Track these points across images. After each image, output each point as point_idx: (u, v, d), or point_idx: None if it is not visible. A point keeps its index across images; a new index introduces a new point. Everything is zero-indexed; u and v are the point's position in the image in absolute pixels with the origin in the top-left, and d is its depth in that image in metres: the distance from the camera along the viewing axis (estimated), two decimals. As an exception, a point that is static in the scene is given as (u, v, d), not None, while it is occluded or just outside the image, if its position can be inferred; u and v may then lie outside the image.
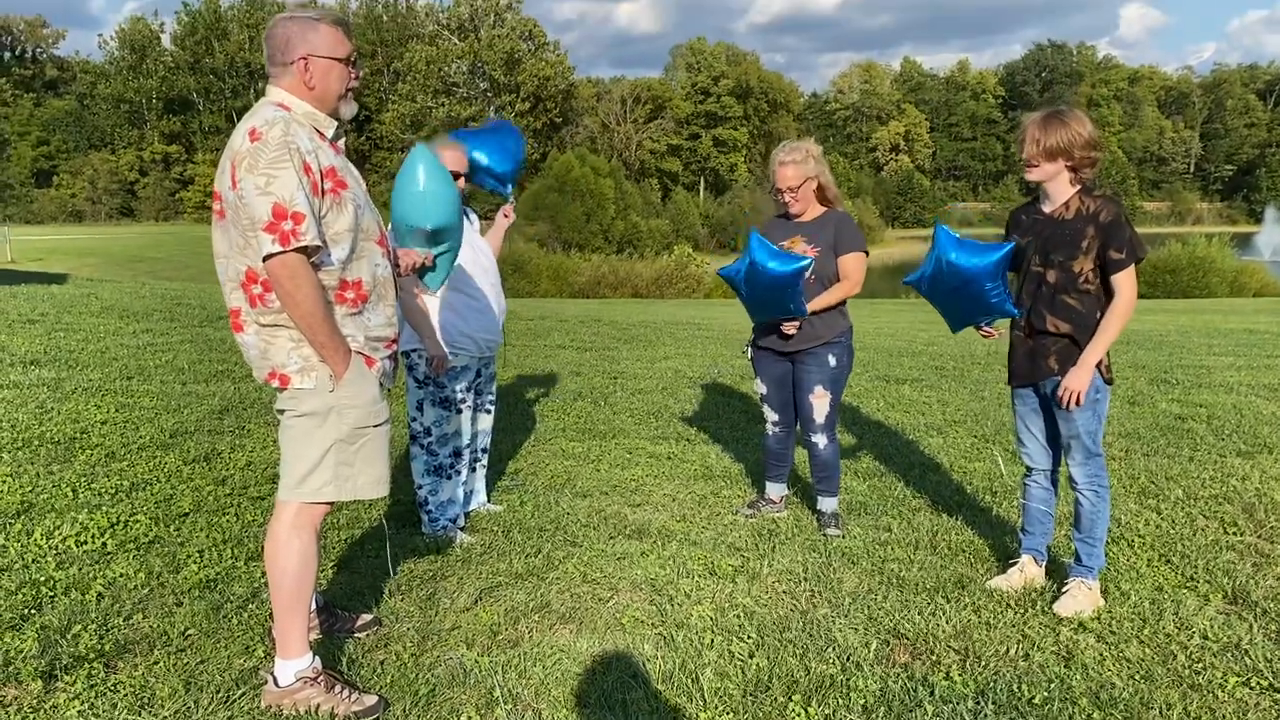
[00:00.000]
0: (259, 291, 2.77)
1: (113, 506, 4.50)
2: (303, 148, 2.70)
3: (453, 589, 3.83)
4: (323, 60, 2.84)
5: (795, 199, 4.47)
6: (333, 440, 2.87)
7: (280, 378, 2.82)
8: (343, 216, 2.81)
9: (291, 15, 2.89)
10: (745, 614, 3.64)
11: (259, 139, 2.66)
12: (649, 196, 73.53)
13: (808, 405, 4.61)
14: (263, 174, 2.63)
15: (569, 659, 3.26)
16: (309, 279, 2.70)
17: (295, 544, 2.91)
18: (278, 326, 2.80)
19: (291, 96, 2.85)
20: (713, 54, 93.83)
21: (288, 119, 2.73)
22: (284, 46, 2.83)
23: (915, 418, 7.05)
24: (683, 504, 5.03)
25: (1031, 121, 3.63)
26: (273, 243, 2.63)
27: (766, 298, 4.31)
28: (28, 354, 7.62)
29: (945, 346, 10.78)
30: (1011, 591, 3.83)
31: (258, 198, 2.63)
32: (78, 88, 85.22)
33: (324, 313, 2.75)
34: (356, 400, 2.87)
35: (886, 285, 33.01)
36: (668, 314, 17.08)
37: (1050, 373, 3.67)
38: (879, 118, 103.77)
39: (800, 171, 4.45)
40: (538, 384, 8.22)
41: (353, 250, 2.85)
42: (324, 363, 2.82)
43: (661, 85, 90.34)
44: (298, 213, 2.64)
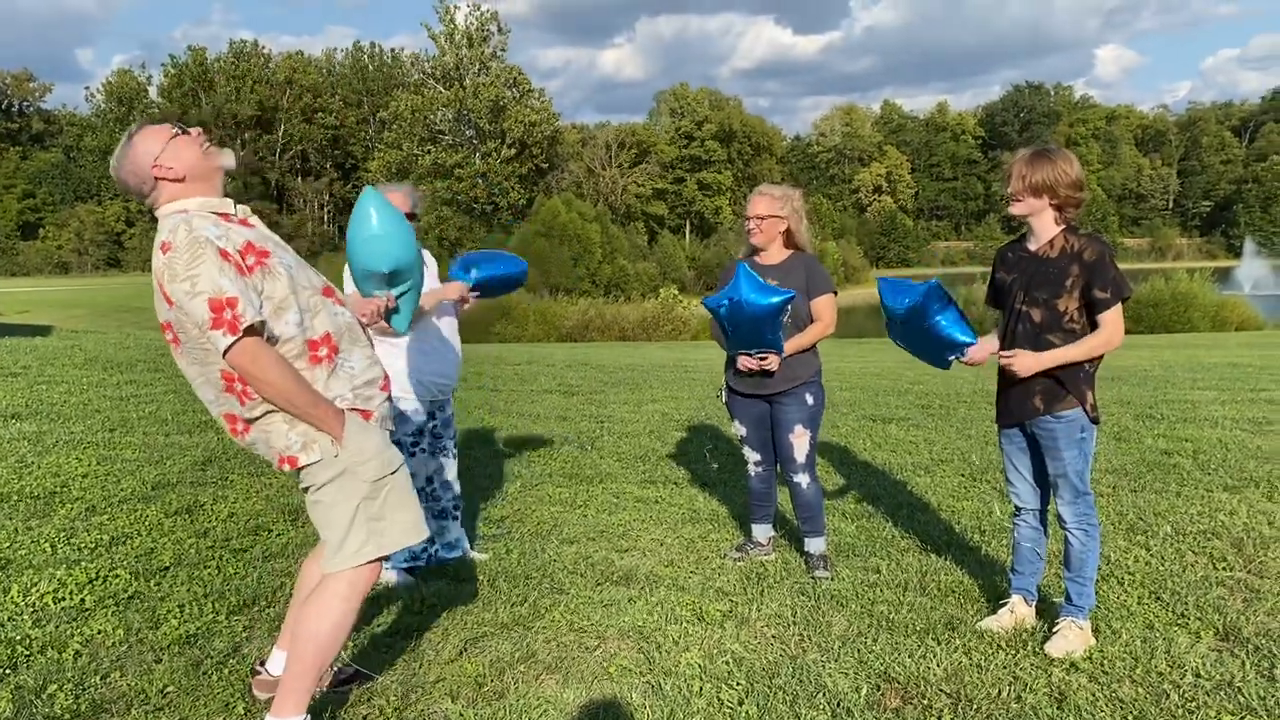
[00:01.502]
0: (240, 388, 2.78)
1: (92, 561, 4.43)
2: (210, 236, 2.68)
3: (437, 640, 3.78)
4: (166, 153, 2.81)
5: (759, 230, 4.53)
6: (357, 500, 2.86)
7: (289, 460, 2.82)
8: (279, 283, 2.79)
9: (116, 158, 2.85)
10: (734, 660, 3.59)
11: (170, 249, 2.67)
12: (635, 240, 73.92)
13: (788, 444, 4.60)
14: (185, 279, 2.63)
15: (556, 710, 3.21)
16: (269, 357, 2.69)
17: (337, 612, 2.88)
18: (270, 414, 2.80)
19: (180, 202, 2.82)
20: (696, 99, 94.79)
21: (188, 219, 2.72)
22: (137, 175, 2.81)
23: (902, 457, 7.04)
24: (670, 548, 4.99)
25: (1019, 158, 3.66)
26: (224, 335, 2.63)
27: (747, 330, 4.32)
28: (9, 407, 7.55)
29: (931, 385, 10.79)
30: (1002, 632, 3.79)
31: (191, 301, 2.63)
32: (64, 140, 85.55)
33: (297, 384, 2.74)
34: (364, 455, 2.86)
35: (872, 324, 33.15)
36: (655, 357, 17.08)
37: (1036, 412, 3.67)
38: (861, 159, 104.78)
39: (770, 206, 4.52)
40: (524, 428, 8.19)
41: (303, 309, 2.84)
42: (321, 431, 2.80)
43: (646, 130, 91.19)
44: (231, 298, 2.63)
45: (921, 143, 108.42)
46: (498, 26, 77.15)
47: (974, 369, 3.95)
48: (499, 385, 11.10)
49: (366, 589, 2.93)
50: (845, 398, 9.76)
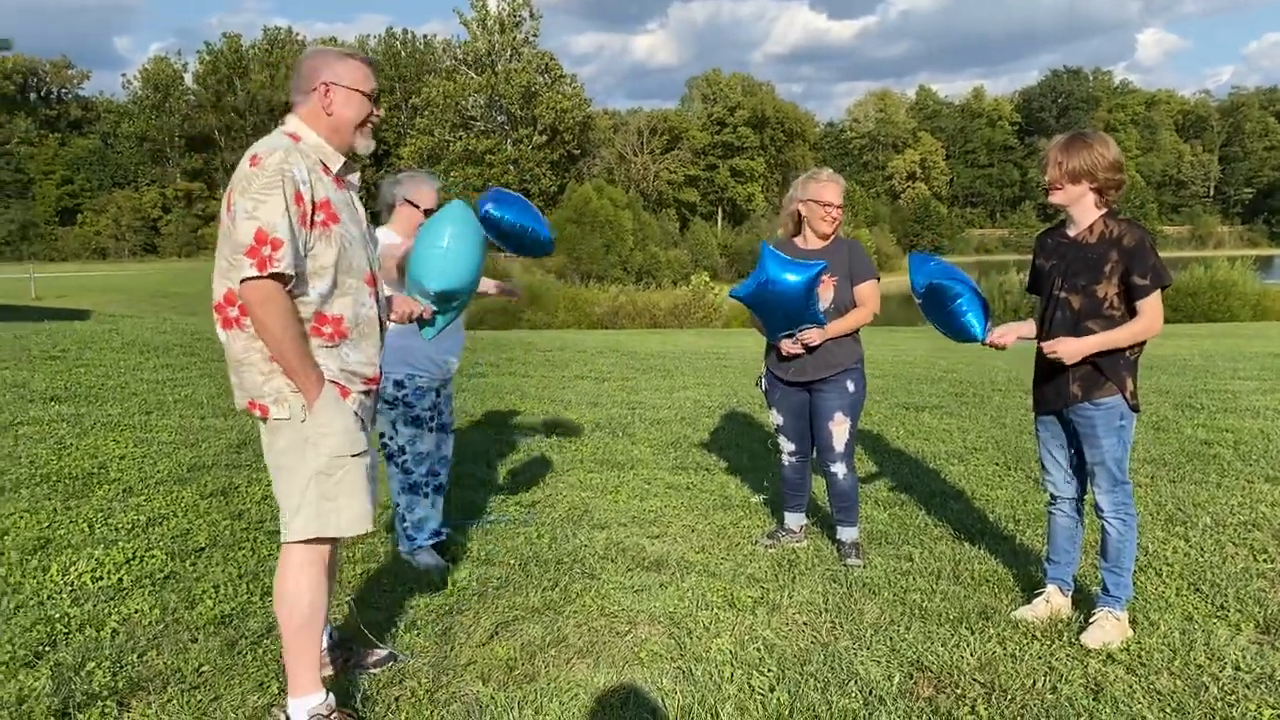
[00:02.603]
0: (234, 314, 2.78)
1: (129, 542, 4.49)
2: (297, 177, 2.71)
3: (468, 623, 3.79)
4: (344, 89, 2.88)
5: (838, 218, 4.50)
6: (311, 472, 2.83)
7: (260, 408, 2.81)
8: (329, 250, 2.81)
9: (323, 49, 2.94)
10: (765, 647, 3.58)
11: (258, 164, 2.70)
12: (667, 227, 73.81)
13: (827, 433, 4.56)
14: (252, 198, 2.66)
15: (586, 694, 3.21)
16: (282, 305, 2.70)
17: (302, 582, 2.88)
18: (246, 362, 2.80)
19: (305, 126, 2.88)
20: (729, 85, 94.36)
21: (290, 148, 2.76)
22: (309, 74, 2.89)
23: (936, 445, 6.98)
24: (701, 535, 4.97)
25: (1054, 145, 3.60)
26: (250, 266, 2.64)
27: (784, 310, 4.29)
28: (48, 390, 7.66)
29: (965, 373, 10.69)
30: (1037, 622, 3.75)
31: (245, 221, 2.66)
32: (102, 127, 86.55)
33: (294, 340, 2.74)
34: (330, 428, 2.84)
35: (904, 313, 32.90)
36: (686, 344, 17.05)
37: (1074, 400, 3.61)
38: (895, 146, 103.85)
39: (843, 193, 4.52)
40: (555, 414, 8.19)
41: (335, 285, 2.84)
42: (296, 393, 2.80)
43: (678, 116, 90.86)
44: (278, 239, 2.65)
45: (957, 129, 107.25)
46: (530, 12, 77.17)
47: (1005, 355, 3.91)
48: (530, 371, 11.12)
49: (322, 557, 2.93)
50: (878, 385, 9.69)
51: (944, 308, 3.90)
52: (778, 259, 4.24)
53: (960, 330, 3.90)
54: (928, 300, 3.92)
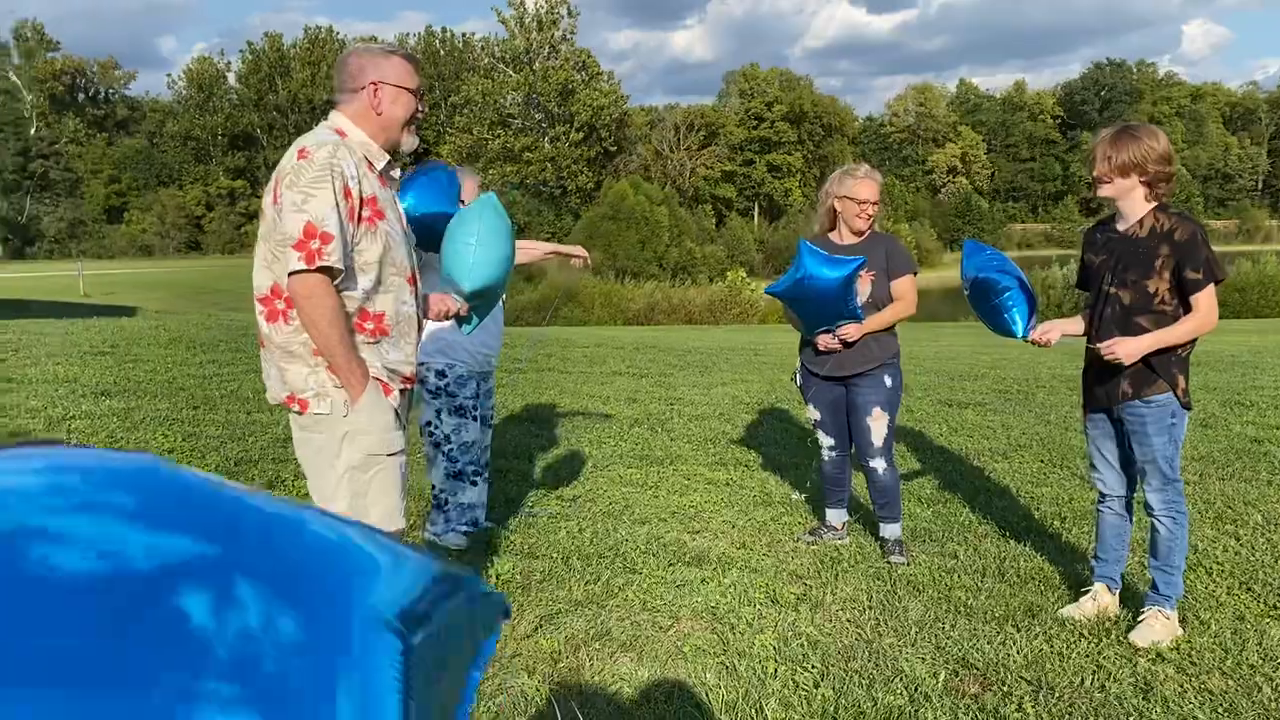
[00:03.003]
0: (281, 307, 2.79)
1: (179, 534, 4.56)
2: (346, 172, 2.73)
3: (513, 615, 3.82)
4: (391, 87, 2.89)
5: (873, 215, 4.47)
6: (346, 468, 2.85)
7: (299, 402, 2.82)
8: (374, 246, 2.83)
9: (366, 47, 2.96)
10: (809, 643, 3.57)
11: (306, 158, 2.72)
12: (703, 223, 73.62)
13: (865, 428, 4.54)
14: (301, 191, 2.67)
15: (631, 688, 3.22)
16: (328, 300, 2.71)
17: None
18: (291, 355, 2.81)
19: (351, 124, 2.90)
20: (766, 79, 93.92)
21: (339, 143, 2.78)
22: (355, 73, 2.90)
23: (979, 442, 6.92)
24: (742, 531, 4.97)
25: (1102, 138, 3.56)
26: (298, 260, 2.66)
27: (822, 307, 4.28)
28: (99, 385, 7.81)
29: (1009, 370, 10.58)
30: (1084, 620, 3.71)
31: (293, 214, 2.67)
32: (147, 126, 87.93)
33: (342, 335, 2.75)
34: (371, 425, 2.85)
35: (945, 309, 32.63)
36: (723, 340, 17.02)
37: (1125, 397, 3.57)
38: (935, 140, 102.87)
39: (878, 190, 4.48)
40: (594, 409, 8.22)
41: (379, 282, 2.86)
42: (339, 388, 2.81)
43: (715, 112, 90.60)
44: (327, 233, 2.66)
45: (998, 122, 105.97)
46: (567, 10, 77.25)
47: (1049, 351, 3.88)
48: (569, 367, 11.15)
49: None
50: (920, 382, 9.62)
51: (988, 301, 3.89)
52: (815, 255, 4.22)
53: (1002, 326, 3.90)
54: (974, 293, 3.91)
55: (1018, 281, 3.83)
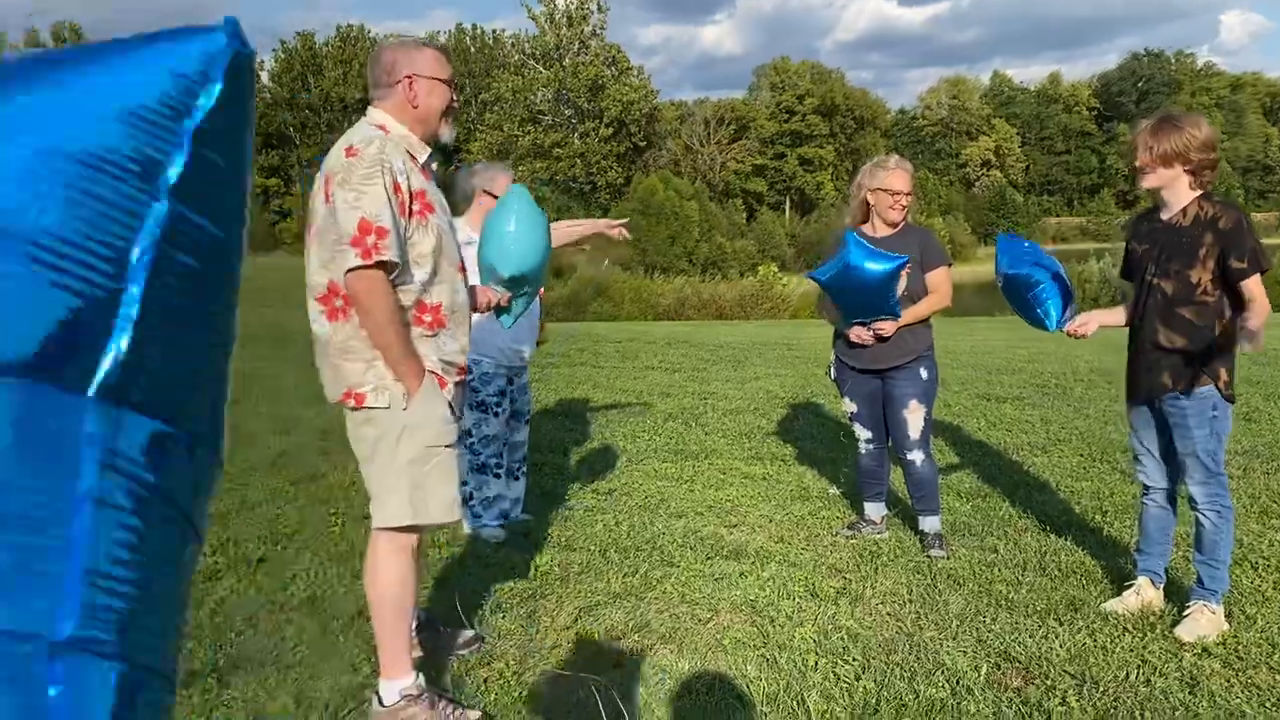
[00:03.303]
0: (340, 305, 2.82)
1: (223, 526, 4.63)
2: (395, 167, 2.76)
3: (552, 607, 3.84)
4: (426, 80, 2.92)
5: (906, 206, 4.45)
6: (405, 461, 2.88)
7: (356, 397, 2.86)
8: (427, 239, 2.86)
9: (397, 42, 2.98)
10: (849, 636, 3.57)
11: (355, 155, 2.74)
12: (733, 217, 73.46)
13: (902, 421, 4.53)
14: (354, 189, 2.70)
15: (672, 680, 3.23)
16: (386, 295, 2.74)
17: (390, 567, 2.95)
18: (350, 351, 2.84)
19: (390, 119, 2.92)
20: (797, 73, 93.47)
21: (384, 139, 2.80)
22: (389, 68, 2.91)
23: (1018, 436, 6.86)
24: (780, 525, 4.96)
25: (1143, 128, 3.52)
26: (356, 256, 2.69)
27: (862, 299, 4.27)
28: (141, 380, 7.93)
29: (1046, 364, 10.48)
30: (1128, 615, 3.68)
31: (347, 212, 2.70)
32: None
33: (399, 329, 2.79)
34: (429, 419, 2.89)
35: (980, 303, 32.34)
36: (755, 334, 16.98)
37: (1165, 389, 3.53)
38: (968, 133, 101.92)
39: (910, 180, 4.45)
40: (628, 404, 8.24)
41: (434, 274, 2.89)
42: (397, 382, 2.84)
43: (745, 105, 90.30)
44: (382, 228, 2.69)
45: (1032, 115, 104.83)
46: (597, 5, 77.31)
47: (1087, 344, 3.86)
48: (601, 362, 11.17)
49: (411, 542, 2.99)
50: (957, 376, 9.55)
51: (1022, 296, 3.88)
52: (862, 247, 4.21)
53: (1035, 319, 3.89)
54: (1007, 288, 3.91)
55: (1051, 274, 3.81)
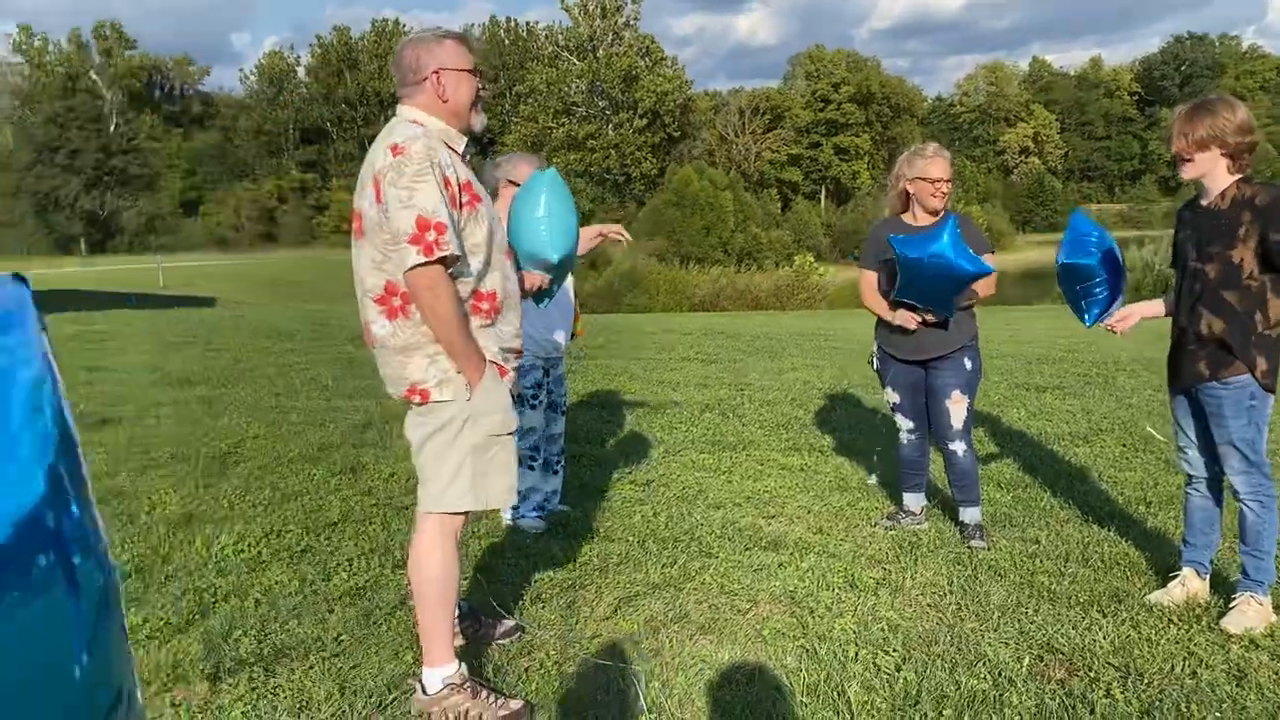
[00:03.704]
0: (399, 304, 2.85)
1: (266, 517, 4.69)
2: (442, 161, 2.77)
3: (592, 598, 3.86)
4: (453, 72, 2.93)
5: (946, 193, 4.40)
6: (468, 449, 2.92)
7: (420, 393, 2.89)
8: (479, 229, 2.88)
9: (416, 37, 2.99)
10: (889, 627, 3.55)
11: (401, 154, 2.75)
12: (769, 207, 73.11)
13: (945, 411, 4.50)
14: (405, 187, 2.71)
15: (711, 670, 3.24)
16: (448, 289, 2.77)
17: (437, 554, 2.97)
18: (411, 348, 2.87)
19: (424, 114, 2.93)
20: (832, 61, 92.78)
21: (426, 133, 2.81)
22: (415, 65, 2.92)
23: (1059, 426, 6.79)
24: (818, 516, 4.95)
25: (1178, 115, 3.47)
26: (417, 254, 2.70)
27: (932, 287, 4.22)
28: (184, 374, 8.04)
29: (1088, 353, 10.36)
30: (1173, 606, 3.64)
31: (401, 211, 2.71)
32: (221, 121, 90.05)
33: (461, 322, 2.81)
34: (492, 408, 2.93)
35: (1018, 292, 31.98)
36: (792, 325, 16.92)
37: (1200, 378, 3.49)
38: (1006, 119, 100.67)
39: (950, 168, 4.42)
40: (665, 396, 8.24)
41: (487, 262, 2.92)
42: (460, 374, 2.87)
43: (780, 95, 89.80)
44: (440, 223, 2.71)
45: (1072, 100, 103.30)
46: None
47: (1128, 334, 3.82)
48: (637, 354, 11.19)
49: (457, 532, 3.02)
50: (996, 365, 9.47)
51: (1072, 285, 3.86)
52: (958, 242, 4.14)
53: (1076, 311, 3.96)
54: (1063, 273, 3.90)
55: (1108, 273, 3.78)
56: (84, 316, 11.68)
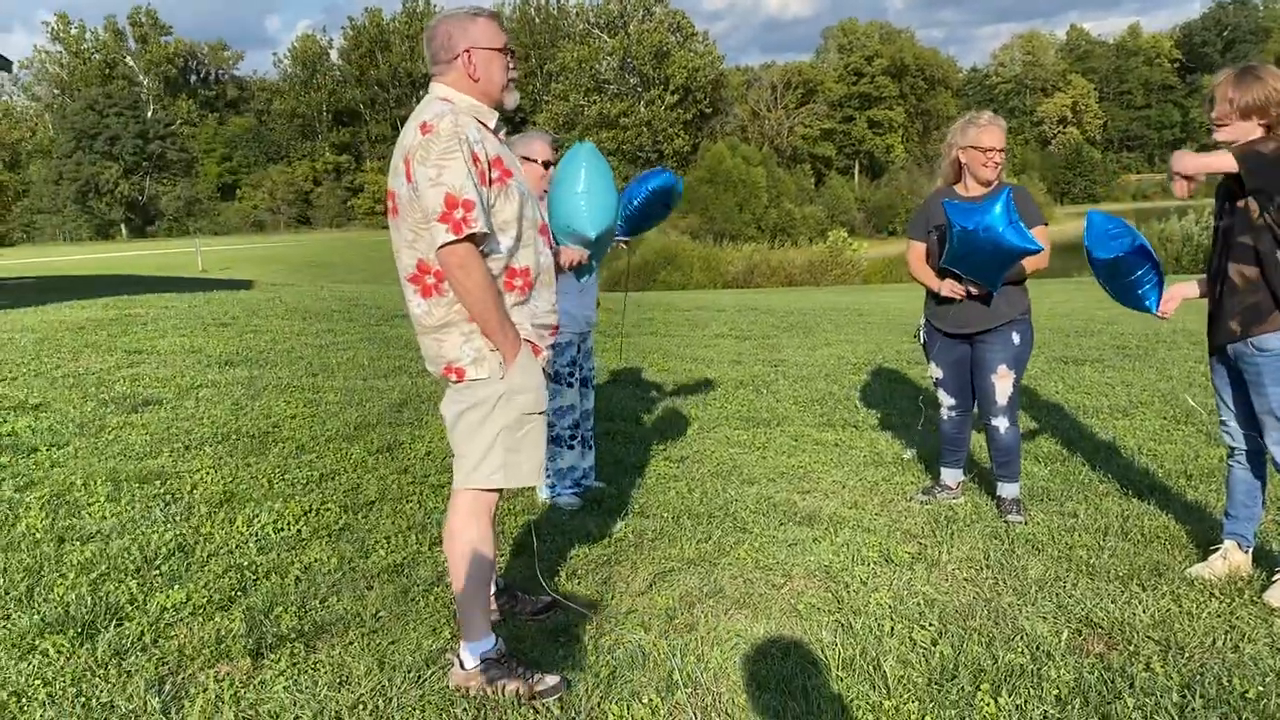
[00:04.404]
0: (432, 282, 2.86)
1: (305, 495, 4.75)
2: (470, 138, 2.77)
3: (627, 573, 3.88)
4: (484, 51, 2.92)
5: (999, 163, 4.33)
6: (500, 427, 2.93)
7: (457, 371, 2.91)
8: (510, 204, 2.88)
9: (448, 15, 2.98)
10: (926, 601, 3.54)
11: (430, 131, 2.75)
12: (802, 183, 72.63)
13: (990, 386, 4.45)
14: (434, 165, 2.72)
15: (746, 644, 3.25)
16: (480, 267, 2.77)
17: (472, 530, 2.99)
18: (447, 326, 2.88)
19: (455, 91, 2.93)
20: (865, 33, 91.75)
21: (455, 110, 2.81)
22: (446, 43, 2.92)
23: (1097, 400, 6.71)
24: (853, 491, 4.93)
25: (1223, 79, 3.39)
26: (446, 232, 2.71)
27: (978, 260, 4.15)
28: (222, 355, 8.14)
29: (1127, 325, 10.21)
30: (1214, 579, 3.59)
31: (430, 189, 2.72)
32: (256, 105, 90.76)
33: (494, 300, 2.82)
34: (526, 387, 2.93)
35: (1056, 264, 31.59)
36: (826, 301, 16.82)
37: (1233, 336, 3.43)
38: (1044, 89, 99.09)
39: (1003, 137, 4.34)
40: (699, 372, 8.23)
41: (519, 238, 2.92)
42: (494, 351, 2.89)
43: (812, 69, 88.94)
44: (469, 201, 2.71)
45: (1111, 69, 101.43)
46: (661, -29, 76.60)
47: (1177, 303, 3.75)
48: (671, 331, 11.18)
49: (491, 508, 3.03)
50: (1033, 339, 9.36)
51: (1120, 279, 3.75)
52: (1010, 212, 4.07)
53: (1134, 303, 3.80)
54: (1107, 271, 3.76)
55: (1149, 261, 3.70)
56: (123, 300, 11.84)
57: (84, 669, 3.04)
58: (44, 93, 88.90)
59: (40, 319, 10.08)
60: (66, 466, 5.03)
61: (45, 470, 4.96)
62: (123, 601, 3.50)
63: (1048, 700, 2.82)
